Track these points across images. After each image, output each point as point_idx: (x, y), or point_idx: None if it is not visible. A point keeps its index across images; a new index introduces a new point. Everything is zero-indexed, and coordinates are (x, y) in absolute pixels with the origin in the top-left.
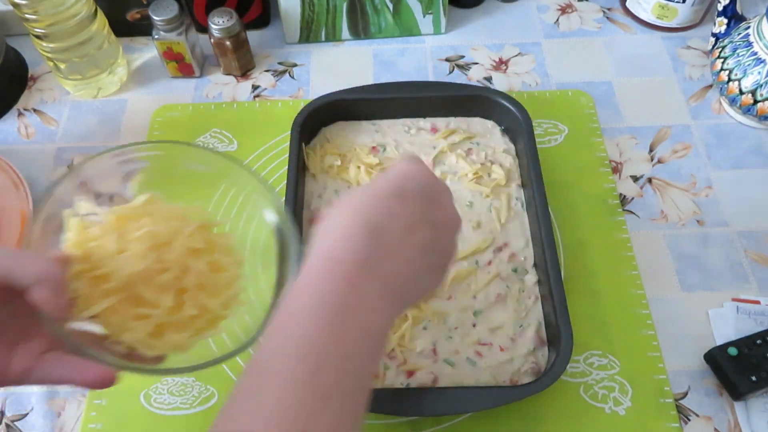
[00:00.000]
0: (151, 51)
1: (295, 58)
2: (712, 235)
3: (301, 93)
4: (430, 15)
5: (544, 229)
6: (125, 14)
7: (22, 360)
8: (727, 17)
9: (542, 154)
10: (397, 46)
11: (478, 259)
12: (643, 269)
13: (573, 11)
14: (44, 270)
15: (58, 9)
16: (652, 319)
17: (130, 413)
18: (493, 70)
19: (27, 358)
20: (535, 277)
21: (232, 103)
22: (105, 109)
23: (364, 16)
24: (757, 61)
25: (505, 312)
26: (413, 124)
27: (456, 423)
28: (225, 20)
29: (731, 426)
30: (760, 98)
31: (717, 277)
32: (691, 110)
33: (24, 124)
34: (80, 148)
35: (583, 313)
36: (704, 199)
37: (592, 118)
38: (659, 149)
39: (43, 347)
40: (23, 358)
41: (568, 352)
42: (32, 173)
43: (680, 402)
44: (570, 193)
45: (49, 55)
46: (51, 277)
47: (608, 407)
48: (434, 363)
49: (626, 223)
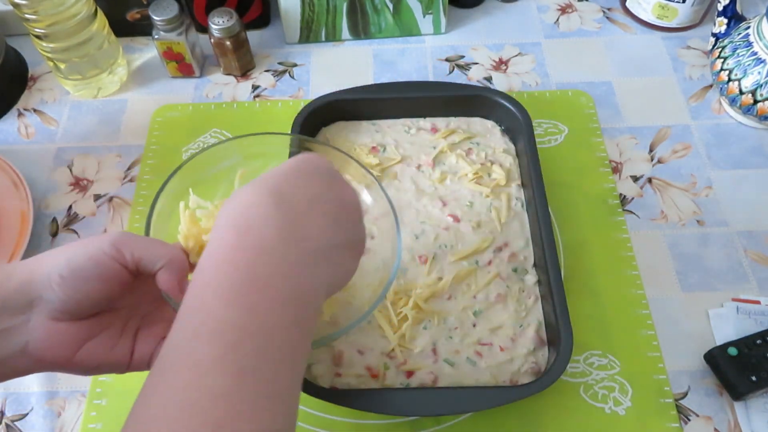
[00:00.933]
0: (151, 51)
1: (295, 58)
2: (712, 235)
3: (301, 93)
4: (430, 15)
5: (544, 229)
6: (125, 14)
7: (144, 345)
8: (727, 17)
9: (542, 154)
10: (397, 46)
11: (478, 259)
12: (643, 269)
13: (573, 11)
14: (172, 256)
15: (58, 9)
16: (652, 319)
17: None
18: (493, 70)
19: (150, 343)
20: (535, 277)
21: (232, 103)
22: (105, 109)
23: (364, 16)
24: (757, 61)
25: (505, 312)
26: (413, 124)
27: (456, 423)
28: (225, 20)
29: (731, 426)
30: (760, 98)
31: (717, 277)
32: (691, 110)
33: (24, 124)
34: (80, 148)
35: (583, 313)
36: (704, 199)
37: (592, 118)
38: (659, 149)
39: (164, 333)
40: (146, 343)
41: (568, 352)
42: (32, 173)
43: (680, 402)
44: (570, 193)
45: (49, 55)
46: (177, 262)
47: (608, 407)
48: (434, 363)
49: (626, 223)
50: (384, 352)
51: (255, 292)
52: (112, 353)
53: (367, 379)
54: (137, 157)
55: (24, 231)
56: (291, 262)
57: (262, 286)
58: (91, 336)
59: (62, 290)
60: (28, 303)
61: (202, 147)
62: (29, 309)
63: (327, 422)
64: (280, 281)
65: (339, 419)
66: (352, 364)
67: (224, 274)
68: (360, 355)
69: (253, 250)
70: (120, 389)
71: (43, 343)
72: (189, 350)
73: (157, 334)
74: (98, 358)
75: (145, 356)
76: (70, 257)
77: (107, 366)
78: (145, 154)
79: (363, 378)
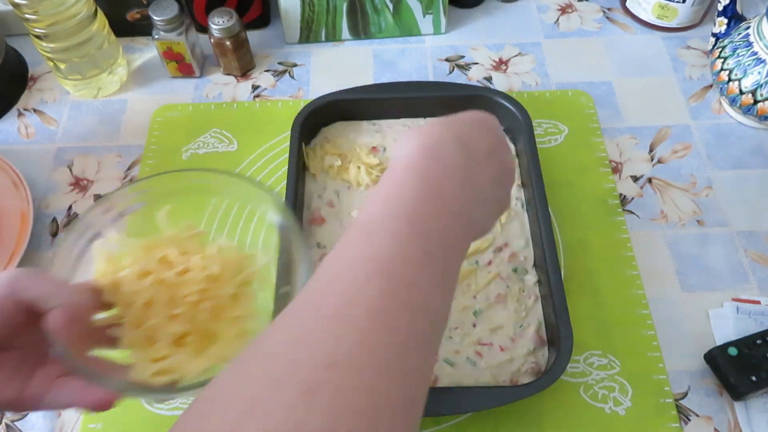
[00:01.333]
0: (151, 51)
1: (295, 58)
2: (712, 235)
3: (301, 93)
4: (430, 15)
5: (544, 229)
6: (125, 14)
7: (39, 385)
8: (727, 17)
9: (542, 154)
10: (397, 46)
11: (478, 259)
12: (643, 269)
13: (573, 11)
14: (69, 297)
15: (58, 9)
16: (652, 319)
17: (130, 413)
18: (493, 70)
19: (44, 383)
20: (535, 277)
21: (232, 103)
22: (105, 109)
23: (364, 16)
24: (757, 61)
25: (505, 312)
26: (413, 124)
27: (456, 423)
28: (225, 20)
29: (731, 426)
30: (760, 98)
31: (717, 277)
32: (691, 110)
33: (24, 124)
34: (80, 148)
35: (583, 313)
36: (704, 199)
37: (592, 118)
38: (659, 149)
39: (59, 372)
40: (41, 383)
41: (568, 352)
42: (32, 173)
43: (680, 402)
44: (570, 193)
45: (49, 55)
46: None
47: (608, 407)
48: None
49: (626, 223)
50: None
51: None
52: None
53: None
54: (137, 157)
55: (24, 231)
56: (466, 195)
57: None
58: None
59: None
60: None
61: (193, 153)
62: None
63: None
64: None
65: None
66: None
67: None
68: None
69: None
70: None
71: None
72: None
73: (52, 374)
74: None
75: (36, 396)
76: None
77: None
78: (145, 154)
79: None
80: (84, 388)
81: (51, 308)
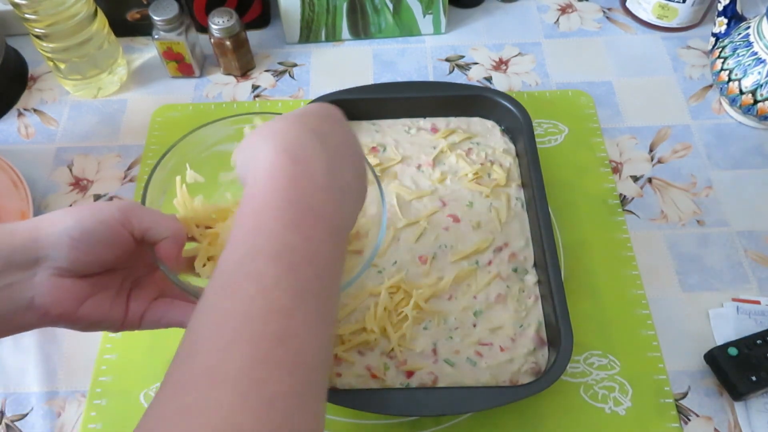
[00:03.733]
0: (151, 51)
1: (295, 58)
2: (712, 235)
3: (301, 93)
4: (430, 15)
5: (544, 229)
6: (125, 14)
7: (137, 306)
8: (727, 17)
9: (542, 154)
10: (397, 46)
11: (478, 259)
12: (643, 269)
13: (573, 11)
14: (177, 229)
15: (58, 9)
16: (652, 319)
17: (130, 413)
18: (493, 70)
19: (141, 304)
20: (535, 277)
21: (232, 103)
22: (105, 109)
23: (364, 16)
24: (757, 61)
25: (506, 312)
26: (413, 124)
27: (456, 423)
28: (225, 20)
29: (731, 426)
30: (760, 98)
31: (717, 277)
32: (691, 110)
33: (24, 124)
34: (80, 148)
35: (583, 313)
36: (704, 199)
37: (592, 118)
38: (659, 149)
39: (154, 295)
40: (138, 304)
41: (568, 352)
42: (32, 173)
43: (680, 402)
44: (570, 193)
45: (49, 55)
46: (180, 236)
47: (608, 407)
48: (434, 363)
49: (626, 223)
50: (384, 352)
51: (311, 221)
52: (109, 311)
53: (367, 379)
54: (137, 157)
55: None
56: (335, 197)
57: (317, 216)
58: (92, 294)
59: (72, 251)
60: (33, 260)
61: None
62: (35, 265)
63: (327, 422)
64: (330, 213)
65: (339, 419)
66: (352, 364)
67: (284, 200)
68: (360, 355)
69: (308, 180)
70: (120, 389)
71: (49, 298)
72: (252, 267)
73: (147, 297)
74: (98, 314)
75: (136, 316)
76: (80, 220)
77: (105, 323)
78: (145, 154)
79: (363, 378)
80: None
81: (162, 238)
